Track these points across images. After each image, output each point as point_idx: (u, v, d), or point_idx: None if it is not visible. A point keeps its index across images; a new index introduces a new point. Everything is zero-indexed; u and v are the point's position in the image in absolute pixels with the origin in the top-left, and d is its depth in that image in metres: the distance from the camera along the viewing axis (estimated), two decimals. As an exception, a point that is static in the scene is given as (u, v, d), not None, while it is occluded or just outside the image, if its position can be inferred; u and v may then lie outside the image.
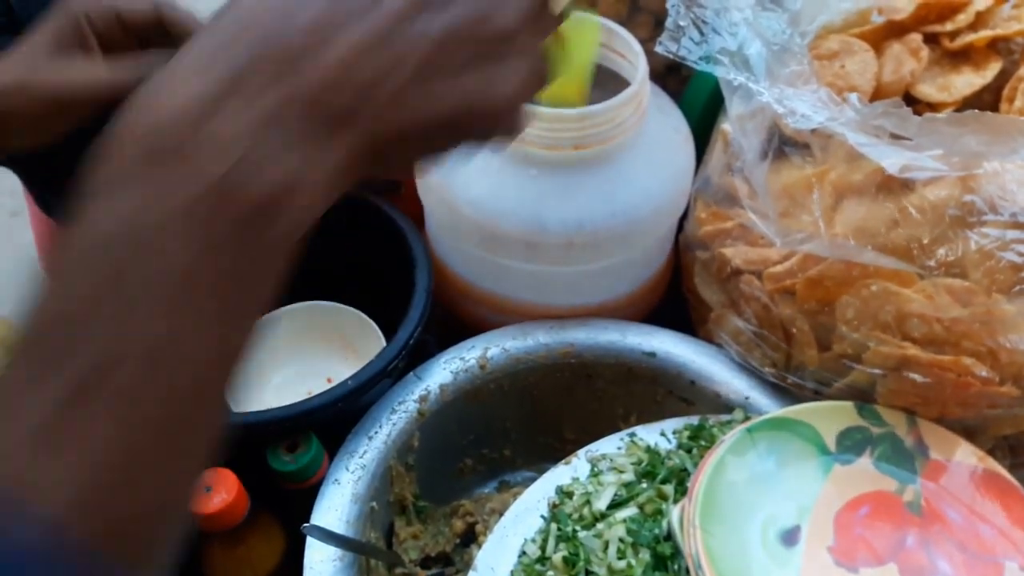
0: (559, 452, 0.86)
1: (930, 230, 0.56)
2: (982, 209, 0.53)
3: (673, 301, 0.88)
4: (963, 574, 0.59)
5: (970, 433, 0.65)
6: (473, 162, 0.74)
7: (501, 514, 0.75)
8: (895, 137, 0.59)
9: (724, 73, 0.60)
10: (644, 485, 0.66)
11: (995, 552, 0.59)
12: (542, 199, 0.72)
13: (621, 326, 0.80)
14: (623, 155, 0.73)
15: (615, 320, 0.80)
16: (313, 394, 0.86)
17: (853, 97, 0.56)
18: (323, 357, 0.89)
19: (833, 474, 0.64)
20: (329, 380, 0.88)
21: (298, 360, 0.89)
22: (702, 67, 0.61)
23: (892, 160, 0.55)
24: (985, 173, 0.53)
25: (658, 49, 0.63)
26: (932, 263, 0.56)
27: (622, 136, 0.72)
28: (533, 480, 0.87)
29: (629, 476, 0.67)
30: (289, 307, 0.88)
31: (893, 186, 0.64)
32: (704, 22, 0.60)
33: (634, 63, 0.75)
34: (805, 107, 0.57)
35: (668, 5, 0.63)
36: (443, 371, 0.78)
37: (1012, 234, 0.53)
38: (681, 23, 0.61)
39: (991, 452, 0.65)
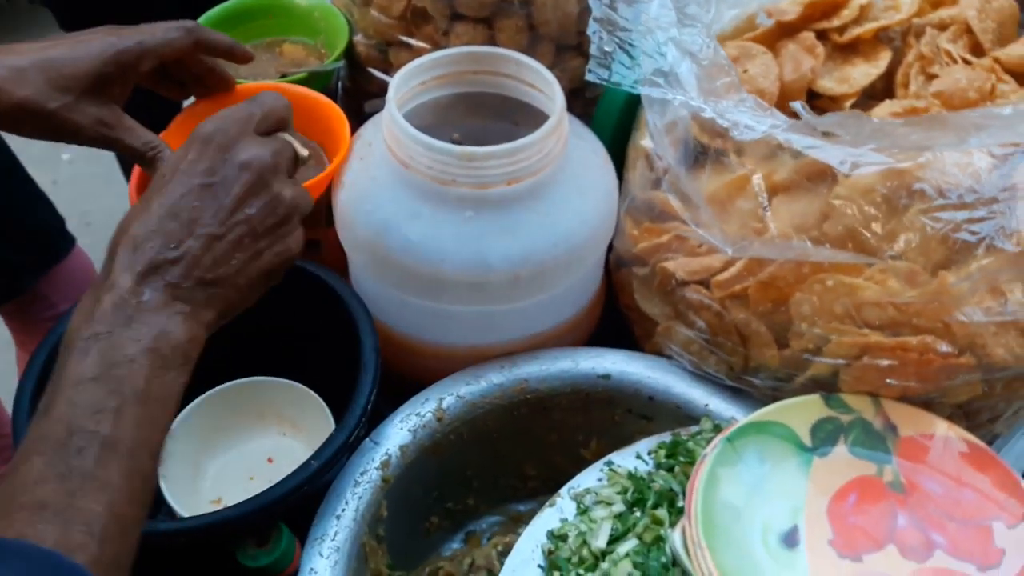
0: (521, 491, 0.85)
1: (884, 220, 0.58)
2: (931, 195, 0.56)
3: (609, 319, 0.88)
4: (957, 542, 0.61)
5: (929, 406, 0.67)
6: (403, 210, 0.72)
7: (488, 570, 0.72)
8: (826, 134, 0.61)
9: (662, 95, 0.60)
10: (637, 514, 0.65)
11: (980, 516, 0.62)
12: (482, 238, 0.70)
13: (572, 353, 0.79)
14: (554, 184, 0.72)
15: (565, 348, 0.79)
16: (256, 479, 0.81)
17: (798, 106, 0.58)
18: (259, 437, 0.83)
19: (814, 468, 0.65)
20: (270, 460, 0.82)
21: (232, 445, 0.83)
22: (638, 91, 0.61)
23: (839, 158, 0.57)
24: (926, 160, 0.56)
25: (589, 77, 0.62)
26: (892, 252, 0.58)
27: (550, 166, 0.71)
28: (500, 524, 0.85)
29: (619, 507, 0.66)
30: (212, 391, 0.81)
31: (818, 179, 0.66)
32: (631, 45, 0.60)
33: (548, 92, 0.74)
34: (746, 118, 0.58)
35: (589, 32, 0.62)
36: (400, 431, 0.74)
37: (962, 215, 0.55)
38: (607, 49, 0.61)
39: (948, 419, 0.68)
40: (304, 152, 0.60)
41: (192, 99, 0.84)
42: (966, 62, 0.72)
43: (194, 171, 0.55)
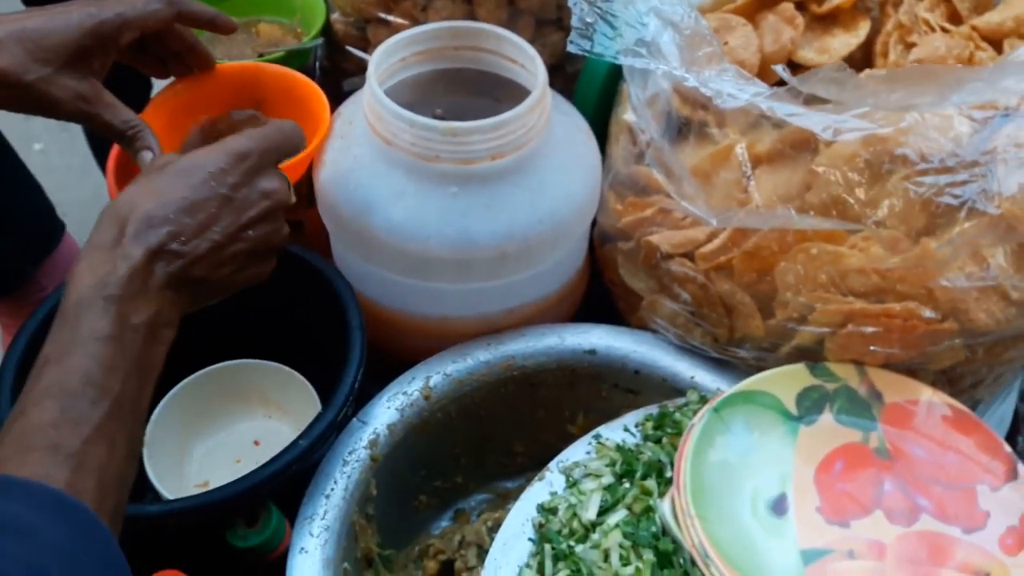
0: (510, 468, 0.85)
1: (868, 186, 0.58)
2: (914, 160, 0.56)
3: (594, 294, 0.88)
4: (942, 505, 0.62)
5: (913, 373, 0.68)
6: (386, 188, 0.71)
7: (478, 546, 0.72)
8: (808, 102, 0.61)
9: (644, 64, 0.60)
10: (626, 485, 0.65)
11: (965, 479, 0.63)
12: (467, 215, 0.70)
13: (558, 329, 0.79)
14: (538, 159, 0.72)
15: (550, 324, 0.79)
16: (242, 462, 0.81)
17: (780, 68, 0.58)
18: (245, 420, 0.83)
19: (801, 436, 0.66)
20: (257, 443, 0.82)
21: (218, 429, 0.82)
22: (620, 61, 0.60)
23: (822, 125, 0.57)
24: (908, 125, 0.56)
25: (571, 48, 0.62)
26: (876, 217, 0.58)
27: (534, 140, 0.71)
28: (488, 502, 0.85)
29: (608, 479, 0.66)
30: (196, 375, 0.81)
31: (801, 148, 0.67)
32: (613, 15, 0.60)
33: (530, 67, 0.74)
34: (729, 87, 0.58)
35: (570, 3, 0.62)
36: (387, 410, 0.74)
37: (944, 179, 0.56)
38: (588, 20, 0.60)
39: (932, 386, 0.68)
40: (293, 199, 0.66)
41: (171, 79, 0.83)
42: (944, 30, 0.73)
43: (222, 182, 0.58)
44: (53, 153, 2.30)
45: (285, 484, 0.65)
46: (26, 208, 1.29)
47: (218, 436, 0.82)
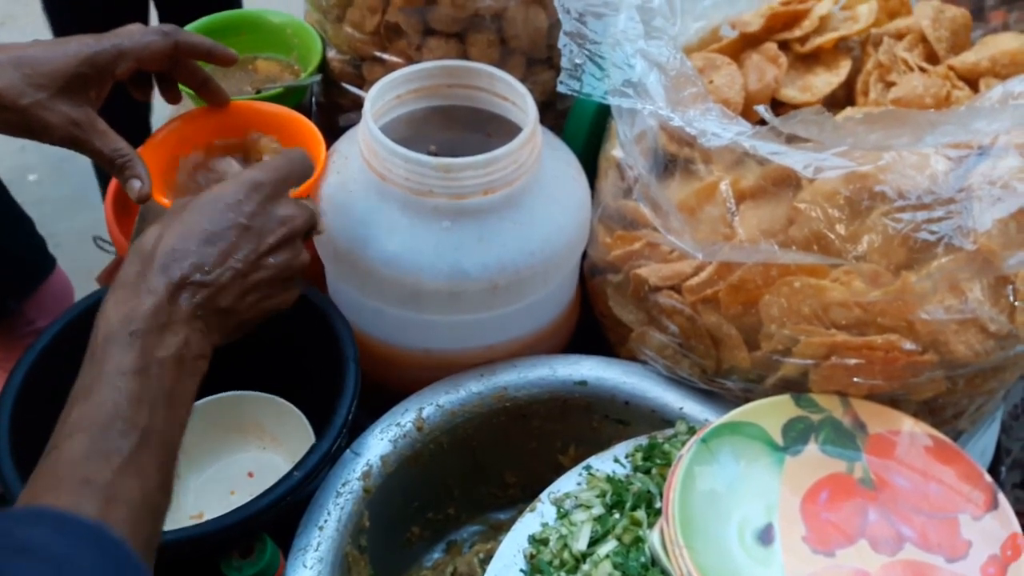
0: (501, 499, 0.86)
1: (848, 222, 0.60)
2: (892, 196, 0.58)
3: (585, 326, 0.89)
4: (926, 535, 0.63)
5: (895, 403, 0.69)
6: (381, 221, 0.73)
7: (472, 576, 0.73)
8: (790, 140, 0.63)
9: (631, 104, 0.62)
10: (616, 516, 0.66)
11: (947, 508, 0.64)
12: (460, 248, 0.71)
13: (549, 361, 0.80)
14: (528, 194, 0.74)
15: (542, 356, 0.80)
16: (237, 494, 0.82)
17: (762, 109, 0.60)
18: (240, 451, 0.84)
19: (787, 467, 0.67)
20: (251, 475, 0.83)
21: (213, 460, 0.83)
22: (608, 101, 0.62)
23: (803, 163, 0.59)
24: (886, 163, 0.58)
25: (560, 89, 0.64)
26: (857, 252, 0.60)
27: (525, 176, 0.73)
28: (480, 534, 0.86)
29: (598, 510, 0.67)
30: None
31: (784, 185, 0.69)
32: (601, 57, 0.62)
33: (521, 104, 0.76)
34: (713, 126, 0.60)
35: (560, 45, 0.64)
36: (380, 441, 0.75)
37: (922, 215, 0.58)
38: (577, 61, 0.62)
39: (915, 416, 0.70)
40: (323, 229, 0.68)
41: (176, 108, 0.85)
42: (922, 70, 0.75)
43: (240, 211, 0.60)
44: (47, 184, 2.32)
45: (279, 515, 0.66)
46: (12, 241, 1.30)
47: (213, 467, 0.83)
